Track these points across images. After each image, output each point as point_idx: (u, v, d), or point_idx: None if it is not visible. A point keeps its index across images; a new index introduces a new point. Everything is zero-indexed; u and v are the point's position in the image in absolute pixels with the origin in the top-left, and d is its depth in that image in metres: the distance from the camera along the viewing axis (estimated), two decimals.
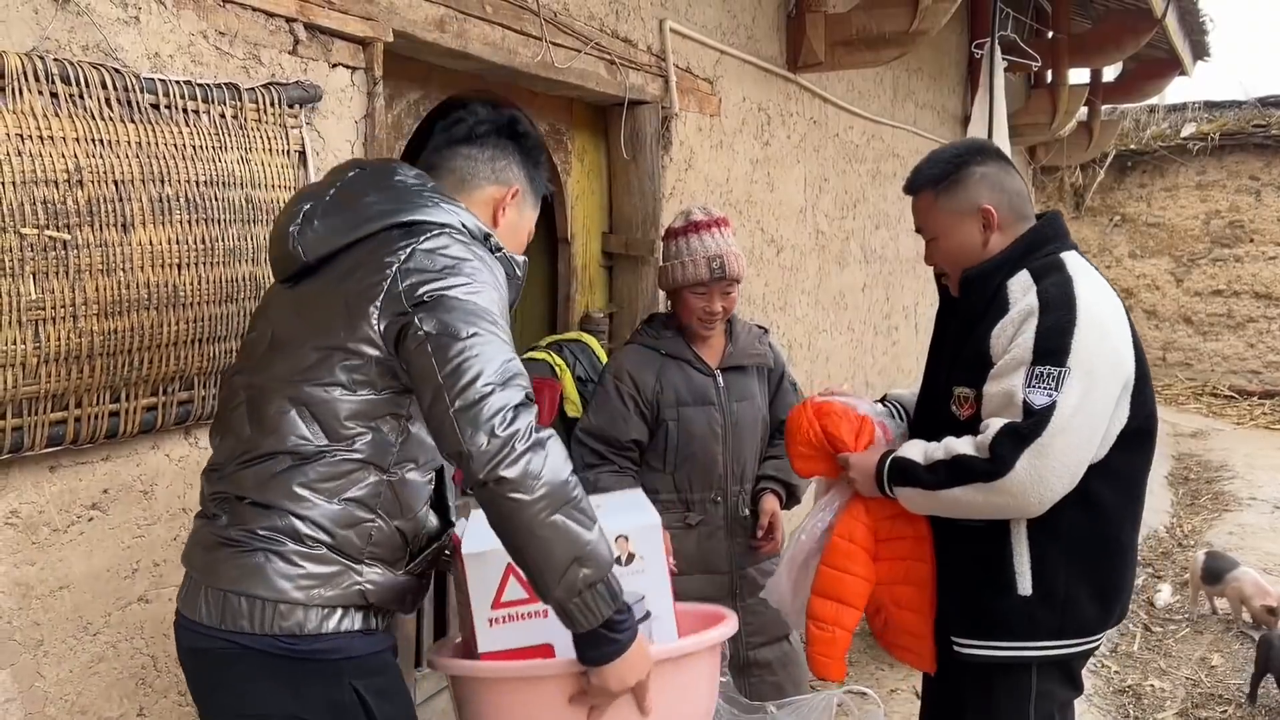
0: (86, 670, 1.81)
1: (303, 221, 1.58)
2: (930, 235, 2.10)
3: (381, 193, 1.58)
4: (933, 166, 2.09)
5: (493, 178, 1.73)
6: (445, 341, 1.43)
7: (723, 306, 2.60)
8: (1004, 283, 1.97)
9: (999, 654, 1.98)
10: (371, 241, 1.54)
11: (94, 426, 1.74)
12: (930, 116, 6.32)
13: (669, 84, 3.42)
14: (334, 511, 1.50)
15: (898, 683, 3.89)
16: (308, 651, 1.49)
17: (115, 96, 1.72)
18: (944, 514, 1.97)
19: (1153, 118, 11.76)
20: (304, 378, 1.51)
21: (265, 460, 1.51)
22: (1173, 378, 11.33)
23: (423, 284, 1.47)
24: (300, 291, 1.59)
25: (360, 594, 1.52)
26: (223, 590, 1.50)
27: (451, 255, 1.51)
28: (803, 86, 4.48)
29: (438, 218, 1.56)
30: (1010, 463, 1.82)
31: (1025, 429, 1.82)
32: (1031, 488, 1.82)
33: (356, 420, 1.51)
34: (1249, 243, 11.08)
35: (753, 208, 4.15)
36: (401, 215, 1.54)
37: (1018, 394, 1.84)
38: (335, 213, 1.57)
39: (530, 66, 2.77)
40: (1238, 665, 4.35)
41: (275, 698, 1.50)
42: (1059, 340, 1.85)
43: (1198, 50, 7.94)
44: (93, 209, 1.67)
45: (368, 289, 1.49)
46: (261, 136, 1.99)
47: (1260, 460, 8.19)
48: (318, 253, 1.56)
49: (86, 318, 1.67)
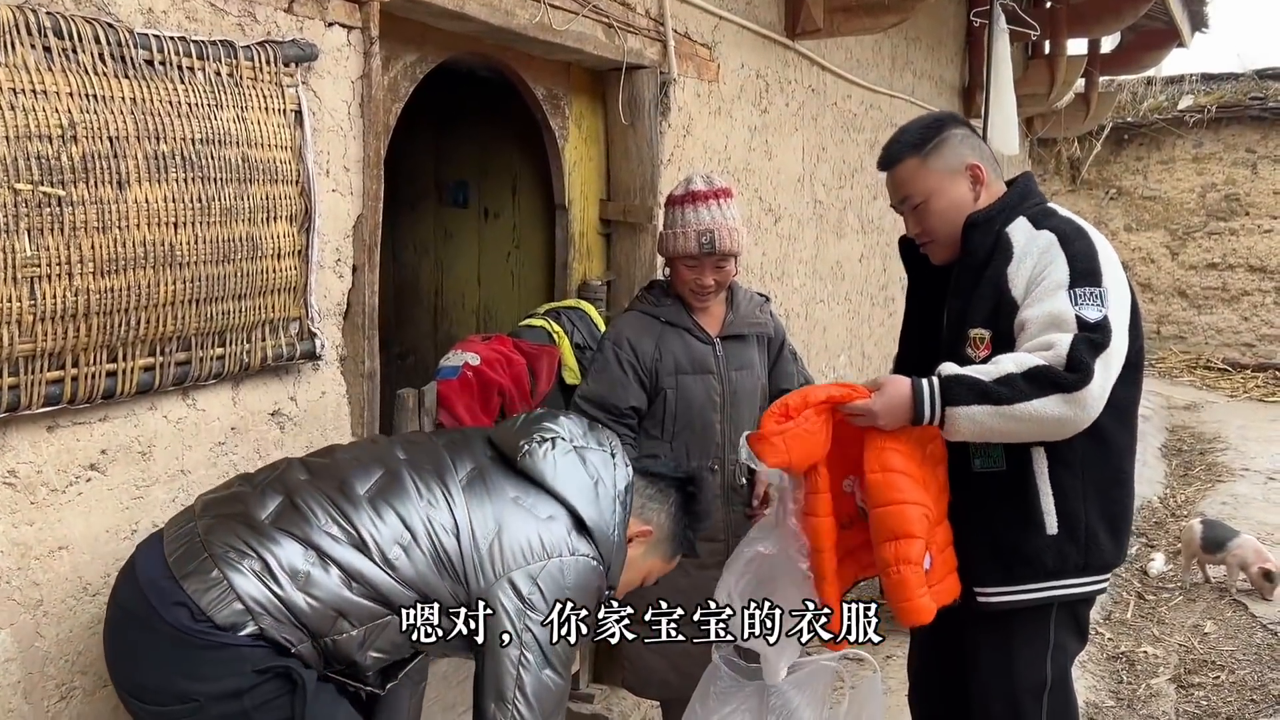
0: (86, 630, 1.81)
1: (550, 443, 1.81)
2: (920, 199, 2.09)
3: (599, 475, 1.82)
4: (910, 134, 2.11)
5: (639, 513, 1.94)
6: (526, 675, 1.68)
7: (715, 280, 2.58)
8: (1003, 229, 2.00)
9: (1025, 597, 1.99)
10: (554, 505, 1.76)
11: (91, 386, 1.73)
12: (928, 86, 6.28)
13: (667, 49, 3.38)
14: (343, 596, 1.61)
15: (893, 649, 3.91)
16: (217, 641, 1.54)
17: (109, 52, 1.70)
18: (1003, 434, 1.86)
19: (1150, 90, 11.70)
20: (433, 523, 1.68)
21: (344, 521, 1.64)
22: (1167, 350, 11.35)
23: (535, 597, 1.69)
24: (496, 467, 1.80)
25: (287, 650, 1.59)
26: (210, 553, 1.57)
27: (571, 590, 1.72)
28: (801, 54, 4.44)
29: (601, 535, 1.79)
30: (1090, 373, 1.78)
31: (1098, 338, 1.80)
32: (1099, 399, 1.81)
33: (425, 581, 1.66)
34: (1244, 216, 11.06)
35: (751, 176, 4.13)
36: (585, 510, 1.78)
37: (1068, 311, 1.84)
38: (568, 460, 1.81)
39: (528, 28, 2.74)
40: (1230, 632, 4.39)
41: (167, 676, 1.55)
42: (1090, 264, 1.88)
43: (1196, 21, 7.88)
44: (87, 165, 1.65)
45: (512, 545, 1.70)
46: (257, 95, 1.97)
47: (1253, 432, 8.23)
48: (525, 469, 1.78)
49: (82, 275, 1.66)
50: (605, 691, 3.40)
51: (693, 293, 2.59)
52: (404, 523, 1.67)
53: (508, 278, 3.83)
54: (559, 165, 3.27)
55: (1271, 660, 4.07)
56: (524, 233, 3.77)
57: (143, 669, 1.59)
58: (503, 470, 1.80)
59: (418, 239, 4.11)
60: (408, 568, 1.65)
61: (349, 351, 2.29)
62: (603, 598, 1.83)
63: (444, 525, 1.69)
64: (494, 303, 3.92)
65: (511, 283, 3.82)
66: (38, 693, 1.74)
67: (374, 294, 2.32)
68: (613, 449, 1.90)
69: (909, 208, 2.12)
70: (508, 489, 1.76)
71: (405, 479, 1.72)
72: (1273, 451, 7.50)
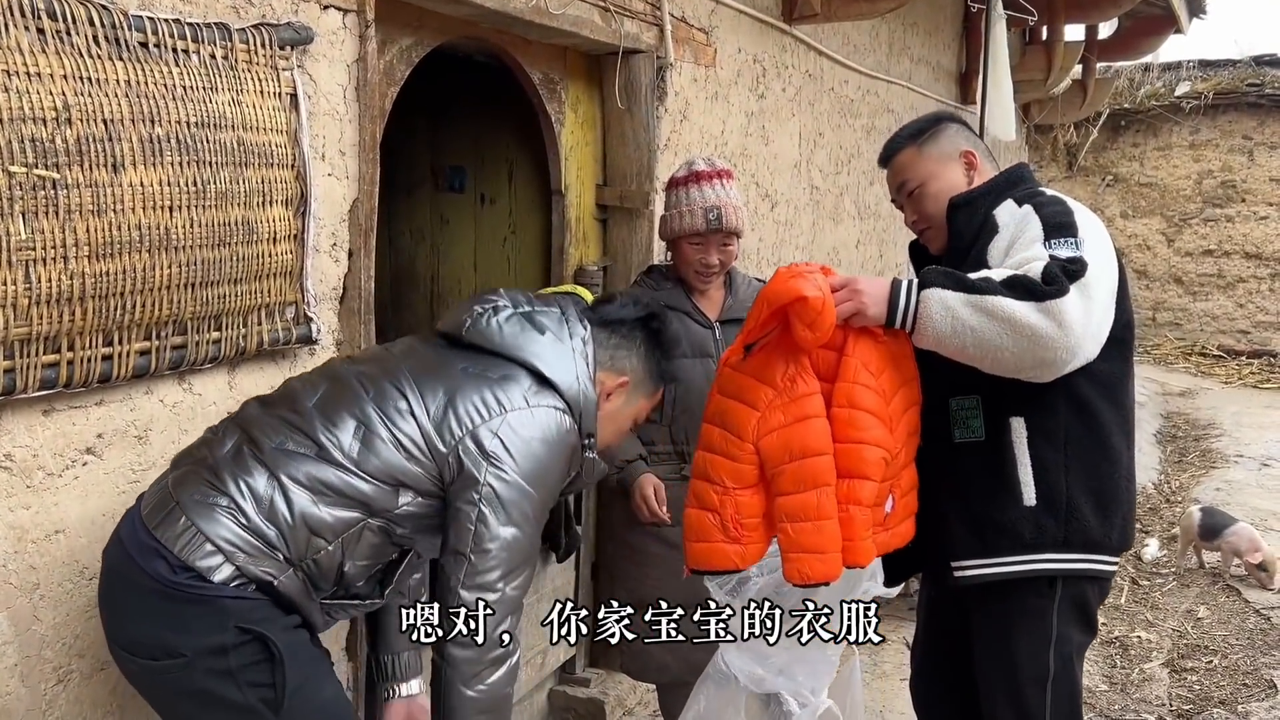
0: (83, 614, 1.81)
1: (489, 312, 1.79)
2: (915, 185, 2.13)
3: (558, 336, 1.79)
4: (908, 128, 2.21)
5: (608, 364, 1.87)
6: (485, 524, 1.65)
7: (719, 259, 2.59)
8: (990, 211, 2.01)
9: (1003, 570, 1.97)
10: (509, 366, 1.74)
11: (87, 370, 1.72)
12: (925, 72, 6.27)
13: (664, 33, 3.37)
14: (311, 513, 1.61)
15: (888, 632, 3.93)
16: (198, 594, 1.56)
17: (103, 34, 1.69)
18: (976, 333, 1.75)
19: (1147, 76, 11.69)
20: (384, 410, 1.67)
21: (299, 435, 1.65)
22: (1162, 337, 11.37)
23: (504, 451, 1.67)
24: (428, 348, 1.80)
25: (270, 583, 1.61)
26: (177, 501, 1.60)
27: (541, 441, 1.70)
28: (798, 39, 4.43)
29: (569, 388, 1.75)
30: (1065, 289, 1.71)
31: (1072, 267, 1.74)
32: (1078, 323, 1.72)
33: (391, 469, 1.66)
34: (1241, 203, 11.07)
35: (747, 161, 4.12)
36: (547, 366, 1.75)
37: (1041, 252, 1.79)
38: (517, 325, 1.78)
39: (524, 12, 2.72)
40: (1223, 617, 4.41)
41: (155, 629, 1.57)
42: (1065, 219, 1.88)
43: (1193, 7, 7.87)
44: (82, 148, 1.64)
45: (470, 407, 1.68)
46: (252, 78, 1.96)
47: (1247, 419, 8.26)
48: (473, 340, 1.77)
49: (78, 259, 1.65)
50: (601, 676, 3.42)
51: (697, 273, 2.59)
52: (356, 419, 1.66)
53: (504, 263, 3.83)
54: (555, 150, 3.26)
55: (1264, 645, 4.10)
56: (520, 218, 3.77)
57: (133, 623, 1.61)
58: (450, 349, 1.80)
59: (414, 224, 4.10)
60: (371, 460, 1.64)
61: (345, 336, 2.29)
62: (581, 448, 1.80)
63: (397, 409, 1.67)
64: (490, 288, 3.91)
65: (508, 268, 3.82)
66: (35, 676, 1.74)
67: (370, 279, 2.32)
68: (563, 307, 1.86)
69: (905, 195, 2.16)
70: (455, 362, 1.75)
71: (350, 381, 1.72)
72: (1267, 438, 7.53)
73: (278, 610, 1.62)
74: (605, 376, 1.87)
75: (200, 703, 1.58)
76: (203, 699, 1.58)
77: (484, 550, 1.65)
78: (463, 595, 1.66)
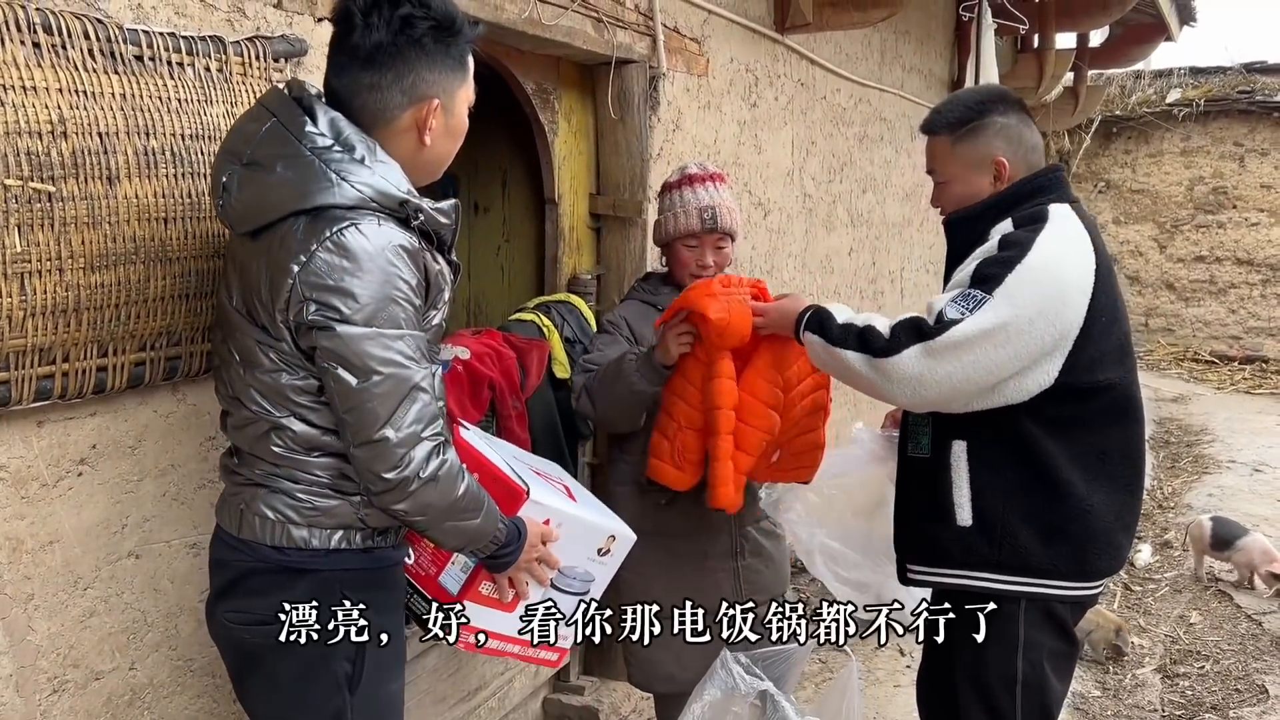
0: (78, 624, 1.82)
1: (224, 192, 1.58)
2: (942, 179, 2.14)
3: (290, 164, 1.51)
4: (953, 109, 2.12)
5: (405, 101, 1.57)
6: (344, 385, 1.49)
7: (714, 261, 2.57)
8: (988, 229, 2.01)
9: (941, 580, 2.09)
10: (281, 228, 1.51)
11: (81, 381, 1.73)
12: (918, 80, 6.29)
13: (657, 43, 3.39)
14: (320, 462, 1.62)
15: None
16: (305, 564, 1.62)
17: (98, 47, 1.70)
18: (835, 374, 2.12)
19: (1138, 84, 11.75)
20: (250, 360, 1.60)
21: (248, 425, 1.64)
22: (1154, 343, 11.41)
23: (321, 303, 1.47)
24: (244, 258, 1.60)
25: (359, 520, 1.65)
26: (239, 509, 1.65)
27: (350, 263, 1.46)
28: (790, 48, 4.45)
29: (346, 198, 1.48)
30: (899, 349, 1.91)
31: (927, 328, 1.90)
32: (908, 381, 1.90)
33: (304, 395, 1.59)
34: (1232, 209, 11.12)
35: (740, 170, 4.14)
36: (307, 200, 1.48)
37: (937, 305, 1.93)
38: (249, 185, 1.55)
39: (516, 23, 2.74)
40: (1215, 623, 4.43)
41: (269, 604, 1.61)
42: (994, 270, 1.91)
43: (1184, 15, 7.91)
44: (77, 161, 1.65)
45: (275, 288, 1.51)
46: (247, 90, 1.97)
47: (1239, 424, 8.29)
48: (242, 227, 1.58)
49: (73, 271, 1.66)
50: (596, 683, 3.43)
51: (693, 276, 2.56)
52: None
53: (497, 271, 3.84)
54: (549, 159, 3.27)
55: (1255, 650, 4.12)
56: (514, 227, 3.78)
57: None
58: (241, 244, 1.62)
59: None
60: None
61: None
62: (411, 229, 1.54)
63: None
64: (484, 296, 3.92)
65: (501, 277, 3.83)
66: (29, 686, 1.75)
67: None
68: (280, 117, 1.56)
69: (935, 180, 2.18)
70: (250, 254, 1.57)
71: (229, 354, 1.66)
72: (1259, 443, 7.57)
73: (365, 557, 1.65)
74: (412, 114, 1.58)
75: (299, 671, 1.62)
76: (303, 667, 1.61)
77: (350, 409, 1.51)
78: (354, 456, 1.55)
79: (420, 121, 1.60)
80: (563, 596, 1.91)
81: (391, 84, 1.56)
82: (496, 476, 1.86)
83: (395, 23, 1.53)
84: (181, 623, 2.00)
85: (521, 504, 1.81)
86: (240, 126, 1.64)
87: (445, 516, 1.58)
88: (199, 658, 2.03)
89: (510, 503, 1.79)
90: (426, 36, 1.55)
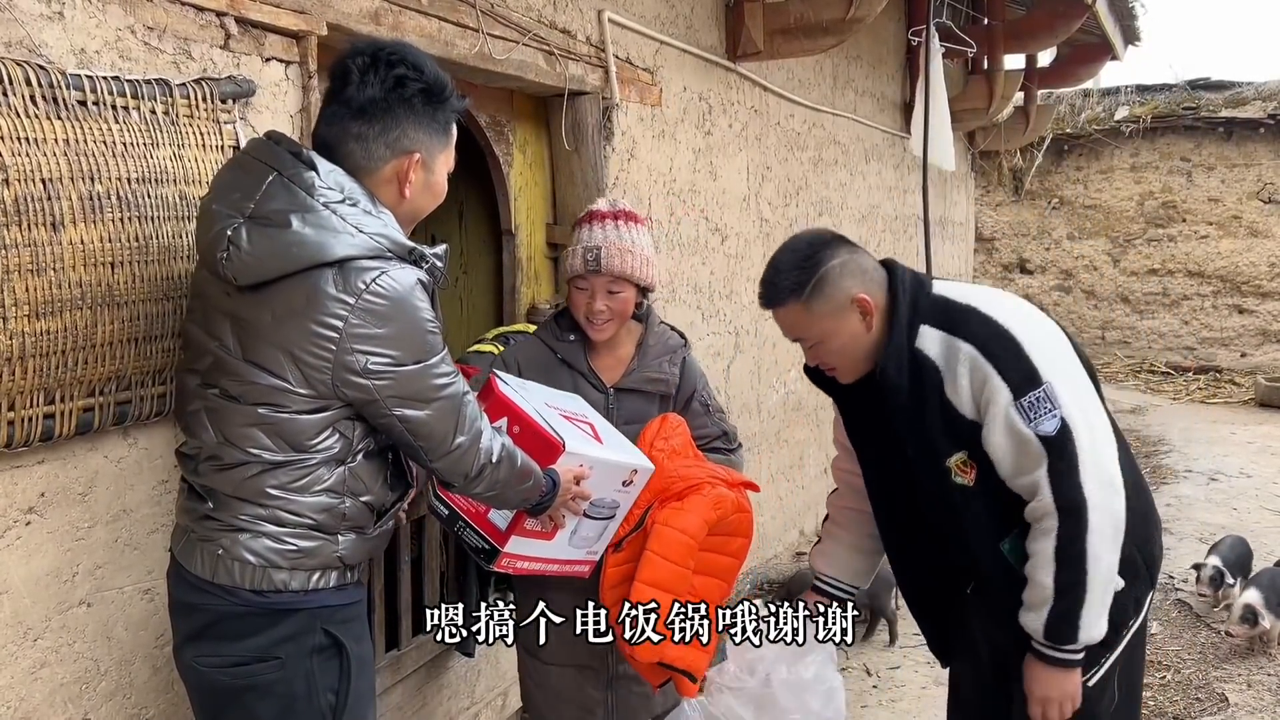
0: (29, 676, 1.79)
1: (230, 245, 1.55)
2: (813, 340, 2.02)
3: (306, 218, 1.54)
4: (787, 276, 1.98)
5: (388, 154, 1.64)
6: (412, 420, 1.62)
7: (608, 306, 2.31)
8: (913, 347, 1.94)
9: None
10: (296, 280, 1.53)
11: (28, 430, 1.71)
12: (870, 103, 6.39)
13: (609, 74, 3.43)
14: (311, 502, 1.64)
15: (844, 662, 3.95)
16: (287, 604, 1.64)
17: (40, 94, 1.70)
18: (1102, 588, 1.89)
19: (1087, 102, 11.99)
20: (261, 402, 1.59)
21: (237, 467, 1.62)
22: (1111, 356, 11.59)
23: (372, 353, 1.56)
24: (240, 311, 1.59)
25: (337, 559, 1.68)
26: (215, 554, 1.64)
27: (392, 310, 1.56)
28: (743, 75, 4.51)
29: (365, 249, 1.55)
30: (1080, 498, 1.82)
31: (1062, 461, 1.82)
32: (1107, 503, 1.83)
33: (320, 432, 1.63)
34: (1182, 222, 11.35)
35: (696, 197, 4.18)
36: (328, 253, 1.53)
37: (1024, 430, 1.84)
38: (263, 239, 1.54)
39: (468, 59, 2.76)
40: (1175, 632, 4.48)
41: (248, 646, 1.64)
42: (1019, 364, 1.86)
43: (1128, 35, 8.11)
44: (20, 208, 1.64)
45: (314, 351, 1.55)
46: (194, 132, 1.97)
47: (1196, 434, 8.43)
48: (249, 280, 1.56)
49: (17, 319, 1.65)
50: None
51: (587, 319, 2.33)
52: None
53: (456, 303, 3.84)
54: (504, 191, 3.29)
55: (1215, 659, 4.17)
56: (471, 258, 3.79)
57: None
58: (239, 298, 1.60)
59: None
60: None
61: None
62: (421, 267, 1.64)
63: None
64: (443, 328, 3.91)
65: (460, 308, 3.83)
66: None
67: None
68: (279, 169, 1.59)
69: (805, 345, 2.07)
70: (260, 314, 1.58)
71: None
72: (1214, 452, 7.69)
73: (341, 593, 1.71)
74: (394, 165, 1.65)
75: (278, 711, 1.66)
76: (281, 707, 1.66)
77: (425, 436, 1.68)
78: (435, 469, 1.73)
79: (401, 174, 1.67)
80: (592, 523, 2.15)
81: (378, 136, 1.64)
82: (536, 432, 1.99)
83: (389, 81, 1.62)
84: (136, 670, 1.98)
85: (559, 455, 1.96)
86: (230, 180, 1.63)
87: (509, 486, 1.81)
88: (154, 705, 2.01)
89: (549, 454, 1.96)
90: (417, 97, 1.64)
